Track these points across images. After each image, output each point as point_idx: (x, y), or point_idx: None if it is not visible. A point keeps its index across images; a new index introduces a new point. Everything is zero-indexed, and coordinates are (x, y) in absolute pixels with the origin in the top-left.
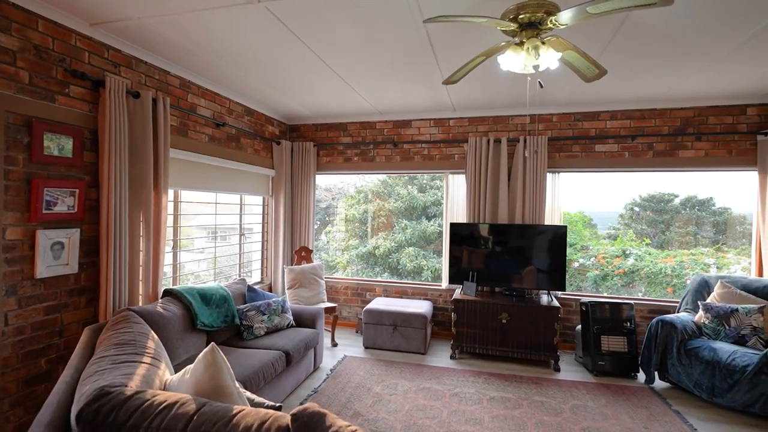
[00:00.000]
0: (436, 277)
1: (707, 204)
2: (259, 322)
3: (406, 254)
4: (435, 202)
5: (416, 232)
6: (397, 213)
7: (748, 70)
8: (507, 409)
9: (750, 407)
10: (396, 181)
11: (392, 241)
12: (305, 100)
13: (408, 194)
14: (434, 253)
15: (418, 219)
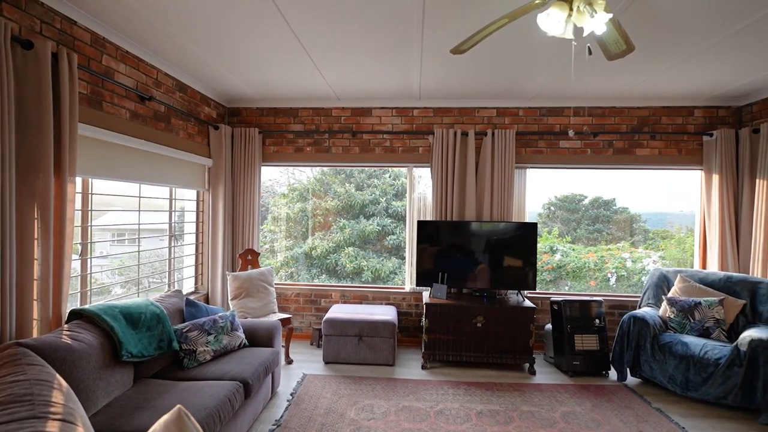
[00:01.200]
0: (376, 278)
1: (610, 204)
2: (203, 344)
3: (345, 255)
4: (373, 200)
5: (355, 231)
6: (334, 212)
7: (697, 75)
8: (500, 425)
9: (723, 399)
10: (332, 178)
11: (330, 241)
12: (254, 77)
13: (346, 192)
14: (374, 254)
15: (357, 218)
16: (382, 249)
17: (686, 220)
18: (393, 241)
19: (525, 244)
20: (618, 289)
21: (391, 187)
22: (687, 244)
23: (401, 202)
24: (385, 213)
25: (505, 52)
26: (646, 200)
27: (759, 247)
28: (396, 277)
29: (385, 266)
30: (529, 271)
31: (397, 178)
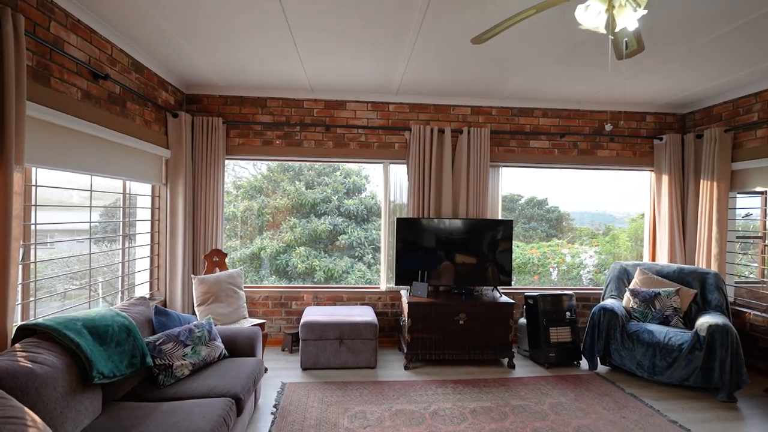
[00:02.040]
0: (329, 278)
1: (543, 204)
2: (180, 357)
3: (296, 255)
4: (325, 199)
5: (306, 230)
6: (284, 211)
7: (650, 85)
8: (495, 422)
9: (686, 381)
10: (280, 175)
11: (280, 241)
12: (224, 59)
13: (296, 190)
14: (325, 253)
15: (307, 217)
16: (333, 248)
17: (605, 219)
18: (345, 240)
19: (501, 240)
20: (559, 283)
21: (342, 185)
22: (620, 240)
23: (353, 201)
24: (337, 212)
25: (492, 52)
26: (575, 200)
27: (703, 241)
28: (348, 277)
29: (338, 266)
30: (505, 267)
31: (348, 176)
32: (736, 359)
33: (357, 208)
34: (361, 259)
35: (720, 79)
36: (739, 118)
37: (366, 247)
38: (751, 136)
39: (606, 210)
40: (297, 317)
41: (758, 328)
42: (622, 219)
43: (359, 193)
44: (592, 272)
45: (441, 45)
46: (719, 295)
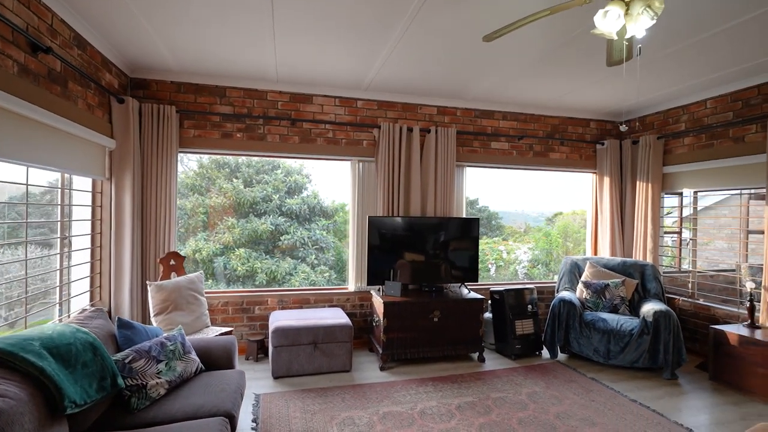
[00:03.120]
0: (271, 281)
1: (475, 203)
2: (154, 376)
3: (236, 257)
4: (265, 197)
5: (246, 231)
6: (220, 210)
7: (594, 96)
8: (482, 416)
9: (636, 363)
10: (215, 173)
11: (216, 242)
12: (185, 41)
13: (233, 188)
14: (267, 254)
15: (246, 217)
16: (275, 249)
17: (524, 218)
18: (288, 240)
19: (469, 238)
20: (497, 278)
21: (283, 183)
22: (552, 237)
23: (295, 200)
24: (279, 211)
25: (466, 55)
26: (499, 200)
27: (640, 236)
28: (292, 279)
29: (281, 268)
30: (473, 264)
31: (289, 174)
32: (677, 341)
33: (299, 208)
34: (304, 260)
35: (656, 92)
36: (669, 127)
37: (309, 248)
38: (679, 143)
39: (524, 210)
40: (261, 323)
41: (686, 312)
42: (537, 218)
43: (301, 192)
44: (526, 267)
45: (424, 43)
46: (657, 284)
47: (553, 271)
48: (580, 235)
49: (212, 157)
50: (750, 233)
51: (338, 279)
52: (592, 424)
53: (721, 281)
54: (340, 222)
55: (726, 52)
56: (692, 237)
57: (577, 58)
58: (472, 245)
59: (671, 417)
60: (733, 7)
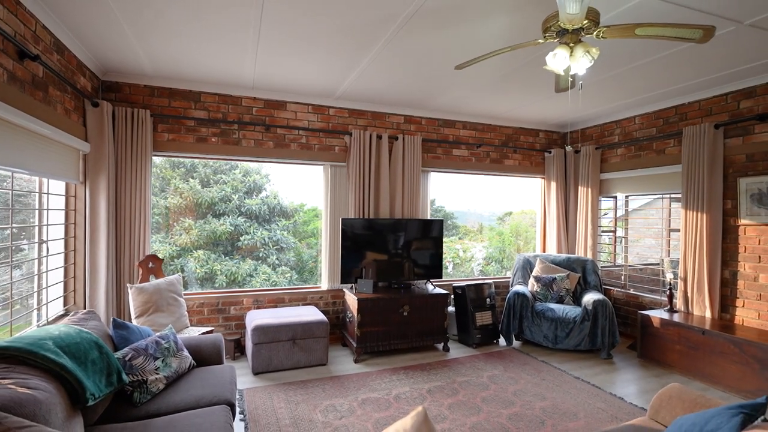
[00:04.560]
0: (231, 282)
1: (432, 204)
2: (153, 372)
3: (195, 258)
4: (224, 198)
5: (204, 232)
6: (176, 211)
7: (541, 110)
8: (450, 397)
9: (578, 346)
10: (169, 172)
11: (173, 244)
12: (163, 45)
13: (190, 188)
14: (226, 256)
15: (204, 218)
16: (235, 251)
17: (477, 218)
18: (248, 241)
19: (433, 238)
20: (454, 275)
21: (242, 183)
22: (504, 236)
23: (255, 201)
24: (238, 212)
25: (435, 72)
26: (454, 200)
27: (581, 234)
28: (253, 280)
29: (242, 269)
30: (438, 261)
31: (248, 175)
32: (612, 326)
33: (259, 208)
34: (265, 261)
35: (594, 108)
36: (605, 139)
37: (270, 248)
38: (613, 153)
39: (476, 210)
40: (237, 323)
41: (619, 301)
42: (489, 218)
43: (260, 192)
44: (482, 264)
45: (397, 61)
46: (595, 277)
47: (506, 268)
48: (530, 234)
49: (161, 157)
50: (671, 231)
51: (299, 279)
52: (543, 399)
53: (648, 273)
54: (300, 222)
55: (651, 78)
56: (624, 235)
57: (529, 79)
58: (436, 244)
59: (607, 389)
60: (655, 46)
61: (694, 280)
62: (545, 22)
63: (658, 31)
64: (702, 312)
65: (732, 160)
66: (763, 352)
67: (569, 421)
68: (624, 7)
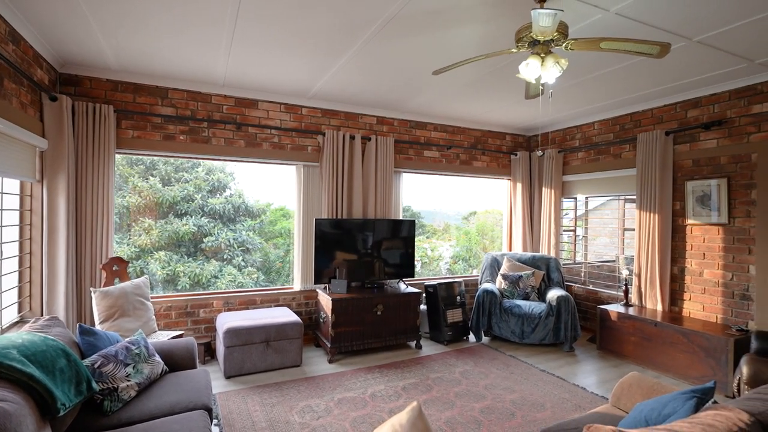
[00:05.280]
0: (195, 284)
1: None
2: (123, 379)
3: (156, 260)
4: (186, 197)
5: (166, 233)
6: (135, 210)
7: (507, 114)
8: (425, 393)
9: (543, 340)
10: (127, 170)
11: (132, 245)
12: (129, 38)
13: (150, 187)
14: (189, 257)
15: (166, 218)
16: (198, 252)
17: (443, 217)
18: (212, 242)
19: (406, 238)
20: (423, 274)
21: (205, 182)
22: (471, 235)
23: (218, 200)
24: (201, 211)
25: (408, 76)
26: (420, 200)
27: (545, 234)
28: (218, 282)
29: (206, 270)
30: (410, 261)
31: (211, 173)
32: (574, 320)
33: (224, 208)
34: (230, 262)
35: (558, 114)
36: (567, 143)
37: (235, 249)
38: (574, 157)
39: (442, 209)
40: (206, 326)
41: (580, 296)
42: (455, 217)
43: (224, 191)
44: (449, 263)
45: (372, 63)
46: (558, 274)
47: (473, 266)
48: (495, 233)
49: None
50: (626, 231)
51: (266, 280)
52: (512, 392)
53: (605, 270)
54: (267, 222)
55: (609, 87)
56: (584, 234)
57: (498, 85)
58: (408, 244)
59: (570, 380)
60: (614, 58)
61: (647, 275)
62: (518, 33)
63: (621, 46)
64: (654, 305)
65: (680, 165)
66: (707, 342)
67: (537, 411)
68: (588, 21)
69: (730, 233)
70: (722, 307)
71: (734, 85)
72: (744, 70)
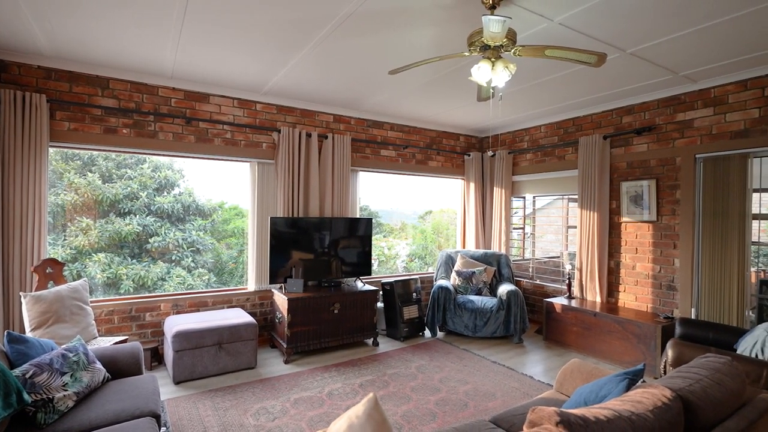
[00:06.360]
0: (140, 287)
1: (359, 203)
2: (60, 389)
3: (96, 262)
4: (130, 195)
5: (106, 233)
6: (70, 209)
7: (460, 115)
8: (382, 389)
9: (494, 333)
10: (60, 165)
11: (66, 247)
12: (63, 24)
13: (88, 184)
14: (133, 259)
15: (106, 217)
16: (143, 253)
17: (401, 216)
18: (159, 243)
19: (363, 236)
20: (380, 272)
21: (152, 179)
22: (426, 233)
23: (166, 198)
24: (147, 210)
25: (365, 74)
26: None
27: (496, 231)
28: (165, 284)
29: (152, 273)
30: (367, 259)
31: (158, 170)
32: (523, 313)
33: (172, 207)
34: (179, 264)
35: (508, 116)
36: (517, 145)
37: (185, 250)
38: (523, 158)
39: (399, 208)
40: (153, 330)
41: (528, 290)
42: (411, 216)
43: (173, 189)
44: (405, 261)
45: (329, 60)
46: (508, 269)
47: (428, 264)
48: (450, 231)
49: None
50: (569, 228)
51: (218, 282)
52: (465, 383)
53: (551, 265)
54: (219, 221)
55: (554, 92)
56: (532, 232)
57: (453, 87)
58: (365, 243)
59: (519, 370)
60: (558, 65)
61: (587, 269)
62: (470, 37)
63: (563, 54)
64: (594, 297)
65: (616, 167)
66: (639, 329)
67: (489, 401)
68: (534, 29)
69: (658, 230)
70: (652, 297)
71: (662, 94)
72: (670, 81)
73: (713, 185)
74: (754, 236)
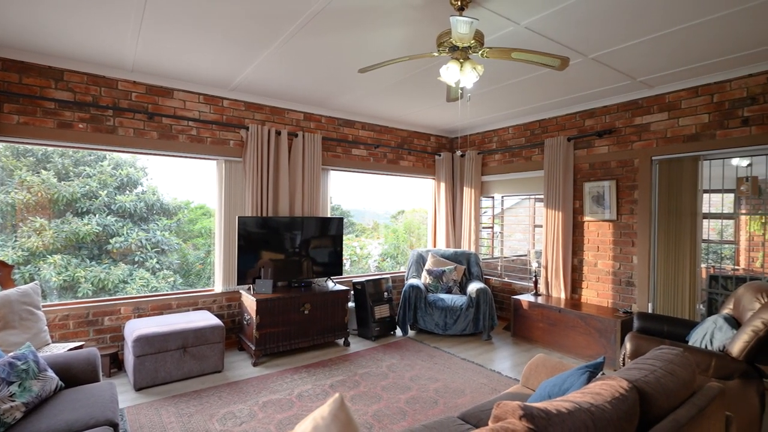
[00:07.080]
0: (100, 290)
1: (331, 202)
2: (6, 399)
3: (50, 264)
4: (88, 194)
5: (62, 234)
6: (22, 208)
7: (432, 116)
8: (352, 389)
9: (464, 331)
10: (12, 161)
11: (18, 249)
12: (8, 5)
13: (42, 182)
14: (92, 260)
15: (63, 216)
16: (103, 254)
17: (373, 216)
18: (120, 243)
19: (334, 236)
20: (352, 272)
21: (112, 177)
22: (399, 233)
23: (128, 197)
24: (107, 210)
25: (335, 72)
26: (352, 199)
27: (466, 230)
28: (128, 287)
29: (113, 275)
30: (338, 259)
31: (119, 167)
32: (491, 311)
33: (135, 206)
34: (142, 265)
35: (477, 117)
36: (486, 145)
37: (149, 251)
38: (492, 158)
39: (371, 208)
40: (112, 335)
41: (497, 288)
42: (383, 216)
43: (135, 187)
44: (378, 261)
45: (299, 56)
46: (478, 268)
47: (400, 263)
48: (421, 231)
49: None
50: (536, 227)
51: (185, 284)
52: (436, 381)
53: (518, 263)
54: (186, 221)
55: (521, 95)
56: (501, 231)
57: (423, 87)
58: (336, 242)
59: (488, 366)
60: (524, 68)
61: (552, 267)
62: (439, 38)
63: (529, 57)
64: (559, 294)
65: (579, 168)
66: (600, 324)
67: (458, 397)
68: (502, 32)
69: (618, 228)
70: (612, 293)
71: (621, 99)
72: (628, 86)
73: (668, 186)
74: (704, 234)
